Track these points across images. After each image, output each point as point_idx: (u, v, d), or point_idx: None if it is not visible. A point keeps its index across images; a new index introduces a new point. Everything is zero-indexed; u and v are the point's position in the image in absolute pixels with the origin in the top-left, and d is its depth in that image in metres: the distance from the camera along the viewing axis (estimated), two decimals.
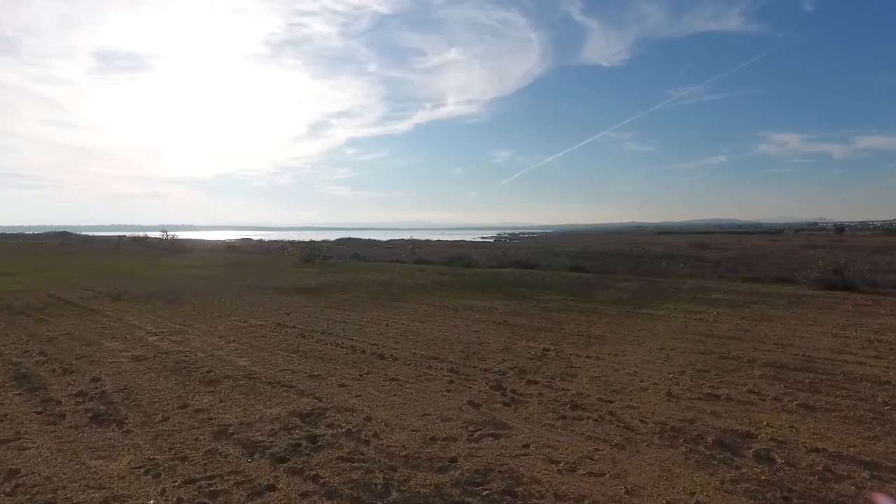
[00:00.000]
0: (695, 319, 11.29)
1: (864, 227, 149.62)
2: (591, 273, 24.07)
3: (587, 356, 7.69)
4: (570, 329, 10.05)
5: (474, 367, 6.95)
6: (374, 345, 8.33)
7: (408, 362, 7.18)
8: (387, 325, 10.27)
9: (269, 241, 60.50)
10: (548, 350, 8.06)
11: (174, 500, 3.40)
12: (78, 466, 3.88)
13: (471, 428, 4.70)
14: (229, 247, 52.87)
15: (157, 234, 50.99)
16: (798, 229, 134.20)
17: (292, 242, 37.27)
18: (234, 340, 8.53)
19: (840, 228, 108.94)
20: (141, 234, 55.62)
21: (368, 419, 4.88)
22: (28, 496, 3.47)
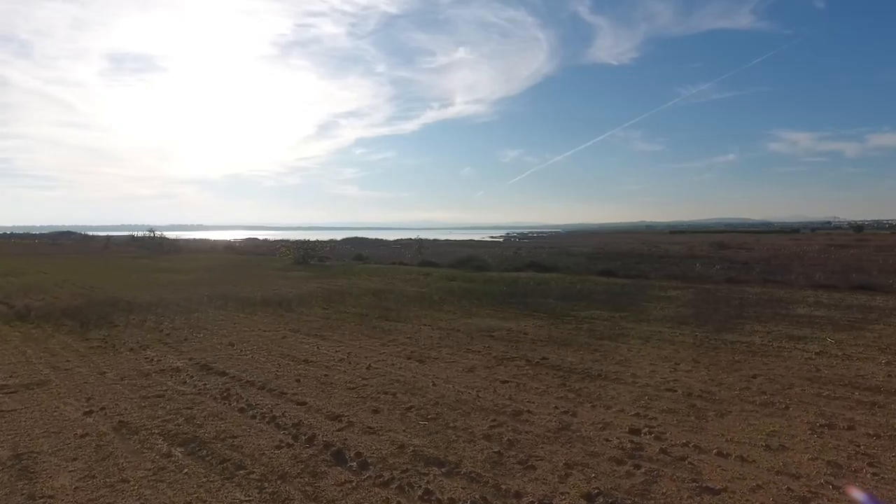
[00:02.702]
0: (816, 354, 7.74)
1: (878, 225, 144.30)
2: (624, 278, 20.52)
3: (717, 451, 4.18)
4: (647, 375, 6.53)
5: (517, 490, 3.47)
6: (334, 419, 4.86)
7: (385, 476, 3.70)
8: (368, 367, 6.81)
9: (274, 241, 57.45)
10: (639, 432, 4.56)
11: None
12: None
13: None
14: (228, 247, 49.95)
15: (146, 234, 47.85)
16: (814, 228, 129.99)
17: (292, 242, 33.75)
18: (103, 408, 5.11)
19: (859, 227, 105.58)
20: (138, 233, 52.47)
21: None
22: None
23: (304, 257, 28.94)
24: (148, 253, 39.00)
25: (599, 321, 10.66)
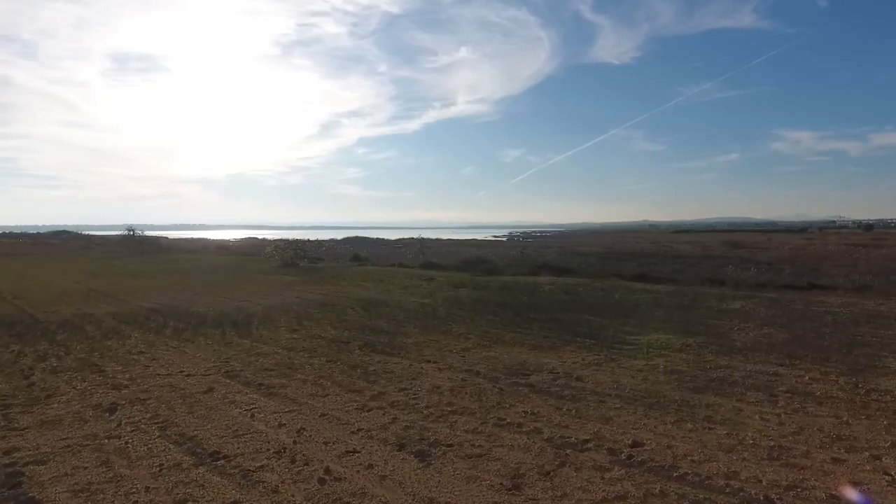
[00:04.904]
0: None
1: (884, 225, 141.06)
2: (658, 282, 17.38)
3: None
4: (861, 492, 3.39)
5: None
6: None
7: None
8: (322, 478, 3.64)
9: (273, 241, 54.53)
10: None
11: None
12: None
13: None
14: (221, 247, 47.26)
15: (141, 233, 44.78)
16: (821, 227, 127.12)
17: (281, 242, 30.52)
18: None
19: (869, 227, 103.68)
20: (130, 233, 49.29)
21: None
22: None
23: (293, 259, 25.82)
24: (128, 253, 35.94)
25: (674, 353, 7.53)
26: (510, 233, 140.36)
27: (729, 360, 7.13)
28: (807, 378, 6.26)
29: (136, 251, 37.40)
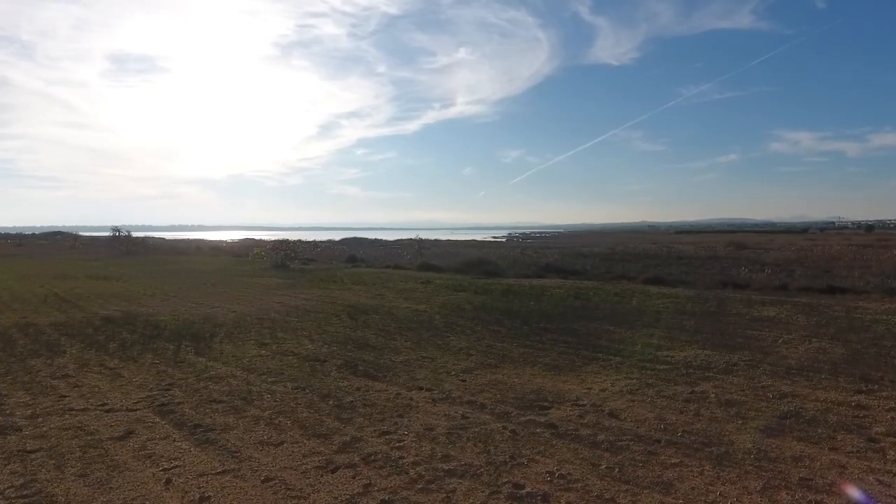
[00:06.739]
0: None
1: (884, 226, 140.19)
2: (675, 286, 16.00)
3: None
4: None
5: None
6: None
7: None
8: None
9: (269, 241, 53.31)
10: None
11: None
12: None
13: None
14: (214, 248, 46.22)
15: (136, 234, 43.63)
16: (821, 228, 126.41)
17: (270, 243, 29.16)
18: None
19: (870, 227, 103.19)
20: (116, 233, 47.76)
21: None
22: None
23: (283, 260, 24.46)
24: (112, 255, 34.51)
25: (720, 375, 6.17)
26: (510, 233, 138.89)
27: (791, 386, 5.76)
28: None
29: (120, 252, 35.98)
